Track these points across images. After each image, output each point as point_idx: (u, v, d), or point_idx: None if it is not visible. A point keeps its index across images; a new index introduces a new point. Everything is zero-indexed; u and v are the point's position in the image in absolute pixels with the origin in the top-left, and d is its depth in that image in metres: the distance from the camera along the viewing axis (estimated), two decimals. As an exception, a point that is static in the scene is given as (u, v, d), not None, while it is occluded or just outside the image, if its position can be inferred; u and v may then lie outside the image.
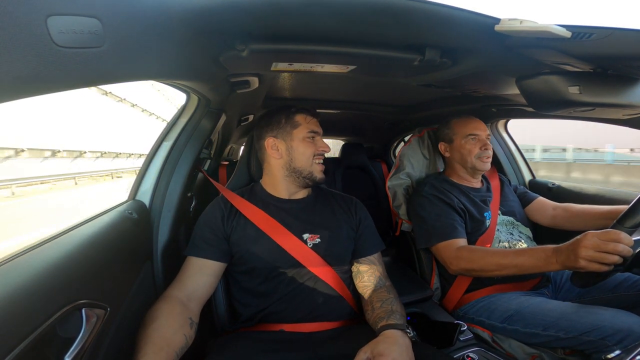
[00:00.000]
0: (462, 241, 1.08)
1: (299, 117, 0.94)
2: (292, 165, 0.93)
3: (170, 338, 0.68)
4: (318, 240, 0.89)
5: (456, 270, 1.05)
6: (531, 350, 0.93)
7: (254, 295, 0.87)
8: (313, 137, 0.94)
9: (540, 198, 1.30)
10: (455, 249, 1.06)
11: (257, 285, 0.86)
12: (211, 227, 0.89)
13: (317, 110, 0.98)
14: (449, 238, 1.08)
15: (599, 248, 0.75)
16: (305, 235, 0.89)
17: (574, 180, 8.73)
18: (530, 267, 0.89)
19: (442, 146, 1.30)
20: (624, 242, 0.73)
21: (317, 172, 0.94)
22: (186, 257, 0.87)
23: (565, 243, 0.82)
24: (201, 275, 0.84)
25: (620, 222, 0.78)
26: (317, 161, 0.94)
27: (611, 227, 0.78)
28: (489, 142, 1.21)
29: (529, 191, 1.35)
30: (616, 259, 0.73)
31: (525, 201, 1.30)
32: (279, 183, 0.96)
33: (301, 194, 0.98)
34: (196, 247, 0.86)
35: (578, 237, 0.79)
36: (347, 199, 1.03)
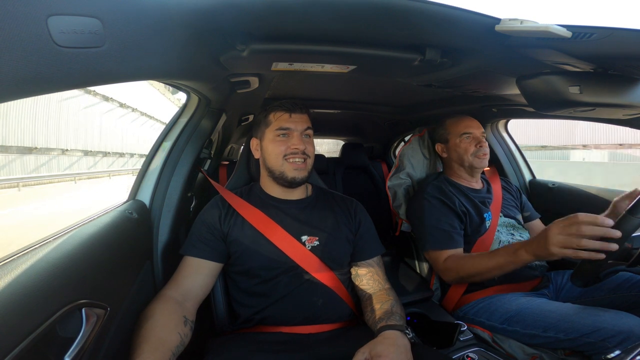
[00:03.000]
0: (454, 251, 1.09)
1: (271, 115, 0.92)
2: (266, 165, 0.93)
3: (165, 337, 0.67)
4: (317, 242, 0.88)
5: (449, 280, 1.10)
6: (531, 351, 0.92)
7: (251, 296, 0.86)
8: (284, 134, 0.90)
9: (539, 221, 1.30)
10: (442, 261, 1.08)
11: (254, 286, 0.86)
12: (208, 226, 0.88)
13: (317, 110, 0.97)
14: (441, 248, 1.10)
15: (564, 232, 0.77)
16: (304, 237, 0.88)
17: None
18: (505, 264, 0.92)
19: (439, 147, 1.30)
20: (594, 223, 0.73)
21: (289, 171, 0.88)
22: (183, 256, 0.86)
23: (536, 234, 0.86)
24: (197, 275, 0.83)
25: (631, 212, 0.77)
26: (290, 160, 0.88)
27: (621, 217, 0.77)
28: (483, 140, 1.21)
29: (533, 210, 1.32)
30: (591, 243, 0.73)
31: (525, 218, 1.28)
32: (268, 183, 0.96)
33: (297, 194, 0.96)
34: (193, 247, 0.86)
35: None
36: (348, 201, 1.02)
